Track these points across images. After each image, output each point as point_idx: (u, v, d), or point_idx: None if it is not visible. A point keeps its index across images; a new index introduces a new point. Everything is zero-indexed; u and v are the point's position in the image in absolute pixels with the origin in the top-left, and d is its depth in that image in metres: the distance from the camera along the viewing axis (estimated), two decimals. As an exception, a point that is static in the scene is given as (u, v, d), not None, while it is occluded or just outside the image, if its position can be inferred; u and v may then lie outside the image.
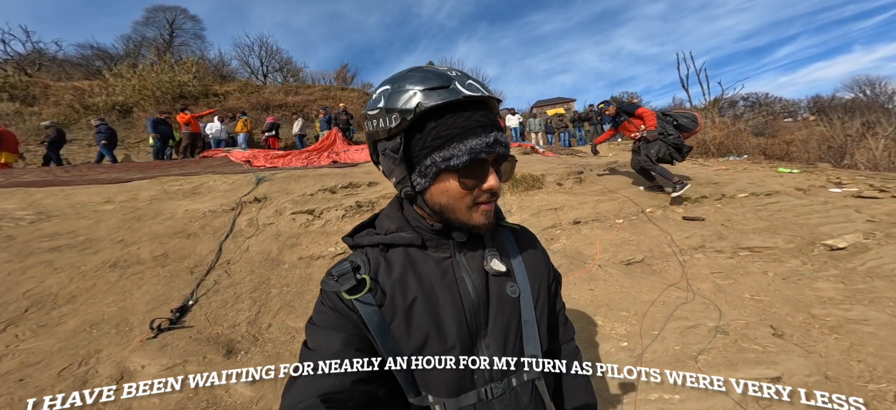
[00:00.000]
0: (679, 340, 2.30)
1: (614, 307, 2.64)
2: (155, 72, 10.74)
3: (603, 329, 2.43)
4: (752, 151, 8.03)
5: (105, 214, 4.15)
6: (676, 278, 2.96)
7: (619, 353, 2.22)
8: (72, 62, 16.56)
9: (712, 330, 2.39)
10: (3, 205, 4.25)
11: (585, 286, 2.95)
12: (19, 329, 2.18)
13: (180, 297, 2.60)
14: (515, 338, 0.62)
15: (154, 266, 3.08)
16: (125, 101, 10.19)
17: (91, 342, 2.07)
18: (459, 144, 0.54)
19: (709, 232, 3.60)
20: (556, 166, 6.30)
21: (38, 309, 2.40)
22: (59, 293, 2.62)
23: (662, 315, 2.51)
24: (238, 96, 11.96)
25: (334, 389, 0.49)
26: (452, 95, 0.54)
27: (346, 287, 0.55)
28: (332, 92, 15.31)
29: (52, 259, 3.12)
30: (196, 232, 3.70)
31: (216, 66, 16.04)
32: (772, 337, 2.28)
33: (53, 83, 11.79)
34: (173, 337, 2.14)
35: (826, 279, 2.72)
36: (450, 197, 0.57)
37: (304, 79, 19.19)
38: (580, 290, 2.89)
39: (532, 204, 4.82)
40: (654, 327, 2.41)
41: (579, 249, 3.60)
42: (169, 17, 19.85)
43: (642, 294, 2.76)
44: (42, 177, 5.95)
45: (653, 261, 3.25)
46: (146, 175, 5.77)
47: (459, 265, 0.62)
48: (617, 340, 2.35)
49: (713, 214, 4.08)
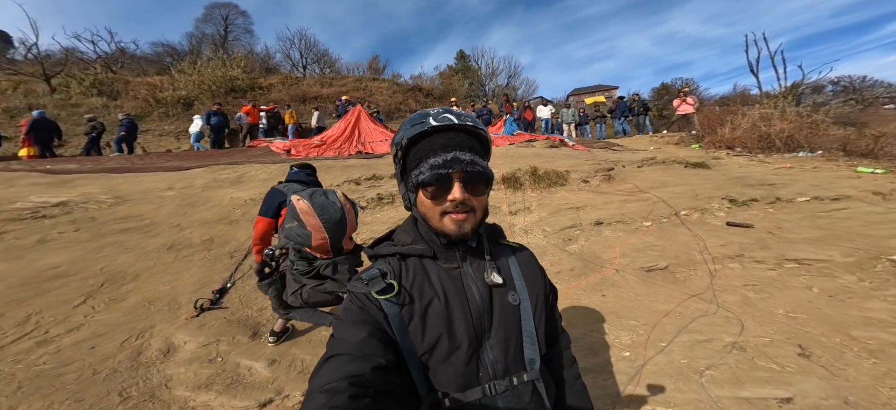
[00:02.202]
0: (687, 354, 2.15)
1: (623, 315, 2.50)
2: (210, 68, 11.50)
3: (607, 337, 2.32)
4: (831, 146, 6.60)
5: (166, 200, 4.59)
6: (701, 288, 2.71)
7: (618, 362, 2.11)
8: (147, 59, 18.12)
9: (728, 345, 2.20)
10: (89, 189, 4.84)
11: (598, 291, 2.80)
12: (95, 301, 2.52)
13: (220, 280, 2.85)
14: (516, 342, 0.67)
15: (201, 249, 3.39)
16: (187, 95, 11.06)
17: (148, 317, 2.34)
18: (423, 163, 0.66)
19: (751, 240, 3.23)
20: (583, 162, 5.91)
21: (110, 285, 2.74)
22: (127, 271, 2.97)
23: (675, 326, 2.34)
24: (280, 88, 12.50)
25: (358, 372, 0.53)
26: (422, 127, 0.66)
27: (377, 288, 0.62)
28: (363, 83, 15.47)
29: (122, 239, 3.53)
30: (237, 218, 4.00)
31: (263, 59, 16.77)
32: (796, 356, 2.06)
33: (133, 79, 13.03)
34: (211, 317, 2.36)
35: (882, 299, 2.36)
36: (425, 208, 0.67)
37: (340, 70, 19.54)
38: (591, 296, 2.74)
39: (552, 201, 4.61)
40: (664, 338, 2.27)
41: (597, 252, 3.41)
42: (223, 13, 20.92)
43: (657, 303, 2.58)
44: (121, 163, 6.68)
45: (677, 269, 2.99)
46: (202, 163, 6.28)
47: (467, 274, 0.69)
48: (619, 350, 2.24)
49: (762, 220, 3.63)
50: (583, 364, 2.11)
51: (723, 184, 4.72)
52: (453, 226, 0.65)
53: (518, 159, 5.99)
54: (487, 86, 23.93)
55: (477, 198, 0.67)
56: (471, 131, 0.70)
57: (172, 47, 18.88)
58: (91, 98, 11.38)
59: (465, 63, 24.35)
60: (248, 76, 12.54)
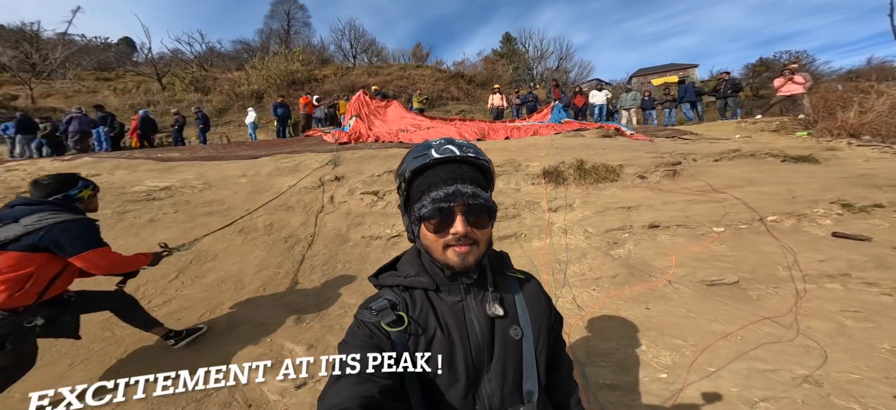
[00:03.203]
0: (740, 382, 1.84)
1: (669, 332, 2.20)
2: (275, 63, 12.47)
3: (643, 354, 2.08)
4: None
5: (240, 186, 5.20)
6: (779, 311, 2.27)
7: (651, 383, 1.89)
8: (229, 56, 20.26)
9: (799, 378, 1.84)
10: (186, 175, 5.68)
11: (641, 303, 2.50)
12: (185, 276, 2.98)
13: (276, 264, 3.17)
14: (514, 375, 0.67)
15: (264, 233, 3.79)
16: (258, 88, 12.21)
17: (219, 294, 2.72)
18: (426, 196, 0.65)
19: (865, 256, 2.59)
20: (642, 154, 5.14)
21: (195, 263, 3.22)
22: (209, 250, 3.45)
23: (733, 351, 2.00)
24: (332, 79, 13.13)
25: (367, 394, 0.55)
26: (424, 159, 0.66)
27: (387, 320, 0.64)
28: (407, 71, 15.44)
29: (207, 221, 4.10)
30: (293, 205, 4.37)
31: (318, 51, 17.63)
32: (891, 398, 1.65)
33: (219, 75, 14.76)
34: (266, 299, 2.65)
35: None
36: (428, 240, 0.67)
37: (387, 59, 19.72)
38: (633, 308, 2.46)
39: (599, 199, 4.15)
40: (714, 363, 1.96)
41: (647, 260, 3.02)
42: (285, 8, 22.26)
43: (715, 323, 2.22)
44: (209, 153, 7.70)
45: (751, 286, 2.53)
46: (270, 152, 6.95)
47: (470, 308, 0.69)
48: (655, 370, 1.99)
49: (886, 232, 2.87)
50: (608, 381, 1.93)
51: (836, 184, 3.78)
52: (456, 259, 0.65)
53: (563, 150, 5.48)
54: (535, 71, 22.19)
55: (480, 230, 0.66)
56: (473, 162, 0.69)
57: (248, 44, 20.84)
58: (190, 94, 13.19)
59: (510, 46, 22.73)
60: (306, 69, 13.38)
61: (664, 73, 24.57)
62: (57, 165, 6.14)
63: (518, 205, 4.18)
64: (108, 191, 4.94)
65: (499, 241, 3.57)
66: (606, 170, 4.61)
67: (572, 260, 3.17)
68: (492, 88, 11.59)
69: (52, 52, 15.07)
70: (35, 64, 14.36)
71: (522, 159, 5.14)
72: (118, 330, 2.23)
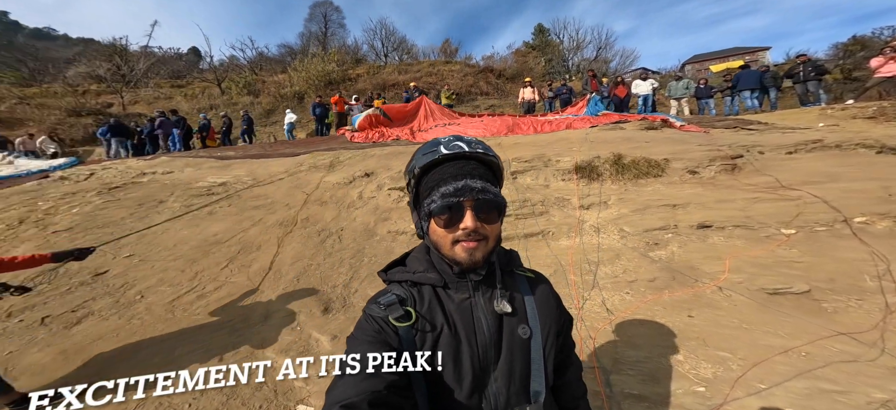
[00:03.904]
0: (798, 402, 1.59)
1: (713, 344, 1.96)
2: (314, 64, 13.05)
3: (679, 365, 1.87)
4: None
5: (282, 182, 5.55)
6: (861, 326, 1.93)
7: (685, 397, 1.69)
8: (275, 59, 21.62)
9: (875, 402, 1.55)
10: (238, 172, 6.19)
11: (683, 310, 2.25)
12: (233, 265, 3.26)
13: (309, 256, 3.34)
14: (521, 374, 0.65)
15: (300, 227, 4.01)
16: (299, 89, 12.90)
17: (261, 283, 2.93)
18: (435, 192, 0.64)
19: None
20: (694, 146, 4.59)
21: (243, 253, 3.51)
22: (254, 241, 3.73)
23: (793, 369, 1.73)
24: (365, 78, 13.44)
25: (375, 389, 0.54)
26: (433, 155, 0.66)
27: (395, 315, 0.63)
28: (436, 67, 15.29)
29: (253, 215, 4.44)
30: (326, 200, 4.56)
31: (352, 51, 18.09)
32: None
33: (267, 79, 15.84)
34: (299, 291, 2.80)
35: None
36: (437, 236, 0.66)
37: (417, 56, 19.68)
38: (673, 314, 2.22)
39: (640, 196, 3.76)
40: (767, 380, 1.71)
41: (694, 263, 2.71)
42: (322, 10, 23.09)
43: (774, 336, 1.94)
44: (258, 151, 8.33)
45: (826, 297, 2.17)
46: (308, 149, 7.33)
47: (477, 306, 0.67)
48: (692, 382, 1.78)
49: None
50: (635, 391, 1.76)
51: (950, 180, 3.09)
52: (465, 255, 0.64)
53: (599, 144, 5.06)
54: (570, 62, 20.72)
55: (489, 226, 0.65)
56: (482, 159, 0.68)
57: (290, 47, 22.04)
58: (243, 97, 14.34)
59: (543, 38, 21.41)
60: (341, 69, 13.85)
61: (726, 58, 21.66)
62: (140, 164, 7.02)
63: (546, 202, 3.96)
64: (178, 186, 5.56)
65: (525, 239, 3.42)
66: (648, 164, 4.18)
67: (604, 260, 2.94)
68: (522, 82, 11.04)
69: (136, 64, 17.20)
70: (124, 74, 16.52)
71: (553, 154, 4.85)
72: (178, 312, 2.50)
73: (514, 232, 3.52)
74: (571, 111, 8.63)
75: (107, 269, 3.16)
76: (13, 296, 1.98)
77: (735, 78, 8.83)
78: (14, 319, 2.28)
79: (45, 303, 2.52)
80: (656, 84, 9.82)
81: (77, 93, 15.18)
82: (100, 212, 4.55)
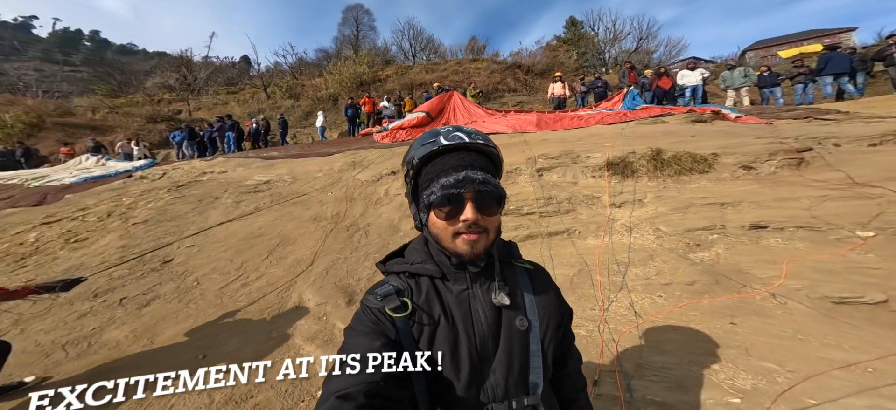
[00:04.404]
0: None
1: (758, 353, 1.77)
2: (346, 67, 13.52)
3: (713, 374, 1.71)
4: None
5: (317, 180, 5.88)
6: None
7: (715, 408, 1.54)
8: (313, 63, 22.73)
9: None
10: (280, 171, 6.66)
11: (725, 317, 2.05)
12: (272, 257, 3.54)
13: (338, 249, 3.51)
14: (520, 367, 0.64)
15: (331, 221, 4.23)
16: (334, 92, 13.48)
17: (293, 275, 3.15)
18: (434, 184, 0.62)
19: None
20: (750, 140, 4.13)
21: (281, 245, 3.79)
22: (290, 235, 4.01)
23: (853, 385, 1.51)
24: (394, 79, 13.65)
25: (372, 380, 0.54)
26: (433, 146, 0.64)
27: (392, 306, 0.62)
28: (462, 65, 15.05)
29: (291, 210, 4.76)
30: (355, 197, 4.76)
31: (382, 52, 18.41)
32: None
33: (306, 82, 16.74)
34: (328, 281, 2.97)
35: None
36: (437, 228, 0.64)
37: (444, 55, 19.51)
38: (713, 321, 2.03)
39: (681, 194, 3.45)
40: (818, 394, 1.51)
41: (743, 267, 2.46)
42: (354, 14, 23.73)
43: (836, 349, 1.72)
44: (297, 151, 8.88)
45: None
46: (340, 149, 7.68)
47: (475, 298, 0.66)
48: (725, 393, 1.62)
49: None
50: (658, 398, 1.65)
51: None
52: (466, 247, 0.62)
53: (635, 139, 4.73)
54: (607, 54, 19.23)
55: (490, 217, 0.63)
56: (482, 150, 0.66)
57: (326, 51, 23.00)
58: (286, 100, 15.32)
59: (576, 31, 19.87)
60: (371, 71, 14.19)
61: (799, 42, 18.79)
62: (202, 164, 7.82)
63: (574, 200, 3.78)
64: (230, 184, 6.13)
65: (548, 237, 3.31)
66: (693, 159, 3.82)
67: (635, 261, 2.76)
68: (552, 77, 10.51)
69: (199, 73, 19.09)
70: (190, 83, 18.44)
71: (582, 150, 4.61)
72: (225, 298, 2.78)
73: (538, 229, 3.42)
74: (606, 105, 8.07)
75: (172, 258, 3.60)
76: (63, 293, 2.06)
77: (821, 60, 7.65)
78: (99, 299, 2.70)
79: (123, 286, 2.94)
80: (707, 73, 8.75)
81: (153, 102, 17.26)
82: (169, 207, 5.16)
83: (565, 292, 2.58)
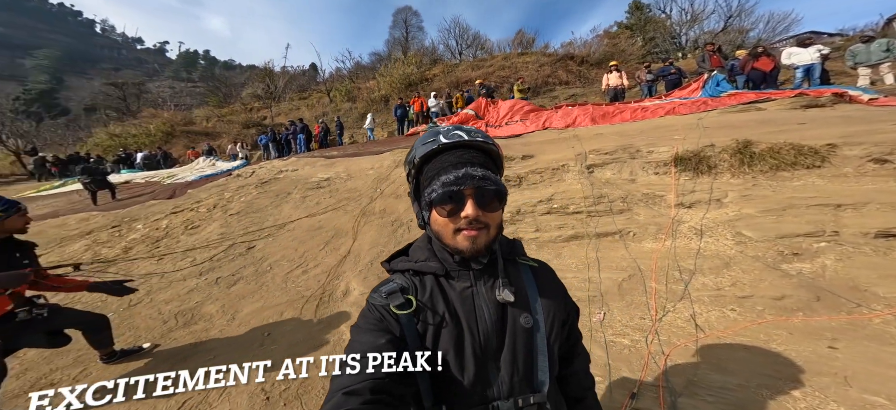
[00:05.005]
0: None
1: (860, 384, 1.43)
2: (396, 68, 14.00)
3: (788, 402, 1.42)
4: None
5: (369, 177, 6.29)
6: None
7: None
8: (368, 67, 24.08)
9: None
10: (338, 169, 7.29)
11: (823, 339, 1.70)
12: (327, 248, 3.92)
13: (383, 243, 3.73)
14: (525, 364, 0.63)
15: (379, 216, 4.49)
16: (385, 93, 14.12)
17: (343, 264, 3.45)
18: (435, 181, 0.62)
19: None
20: (888, 126, 3.21)
21: (335, 238, 4.17)
22: (343, 228, 4.39)
23: None
24: (441, 78, 13.67)
25: (377, 377, 0.54)
26: (433, 145, 0.64)
27: (396, 303, 0.63)
28: (510, 60, 14.30)
29: (346, 205, 5.19)
30: (400, 194, 4.96)
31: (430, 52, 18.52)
32: None
33: (362, 85, 17.88)
34: (372, 270, 3.18)
35: None
36: (438, 225, 0.64)
37: (491, 51, 18.79)
38: (803, 343, 1.70)
39: (778, 193, 2.88)
40: None
41: (859, 282, 2.00)
42: (403, 16, 24.28)
43: None
44: (354, 150, 9.59)
45: None
46: (390, 148, 8.07)
47: (479, 294, 0.66)
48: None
49: None
50: None
51: None
52: (467, 243, 0.62)
53: (717, 130, 4.04)
54: (685, 38, 16.32)
55: (491, 214, 0.63)
56: (481, 147, 0.65)
57: (379, 54, 24.10)
58: (344, 103, 16.60)
59: (641, 15, 17.27)
60: (419, 71, 14.46)
61: None
62: (279, 163, 8.98)
63: (629, 199, 3.40)
64: (299, 181, 6.94)
65: (596, 239, 3.04)
66: (797, 152, 3.13)
67: (705, 269, 2.40)
68: (607, 67, 9.41)
69: (278, 82, 21.80)
70: (272, 92, 21.21)
71: (643, 144, 4.09)
72: (289, 283, 3.18)
73: (585, 230, 3.15)
74: (681, 94, 6.95)
75: (254, 245, 4.24)
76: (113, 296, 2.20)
77: None
78: (202, 277, 3.34)
79: (219, 267, 3.58)
80: (826, 50, 6.83)
81: (247, 110, 20.30)
82: (255, 201, 6.08)
83: (612, 298, 2.35)
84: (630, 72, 9.94)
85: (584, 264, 2.72)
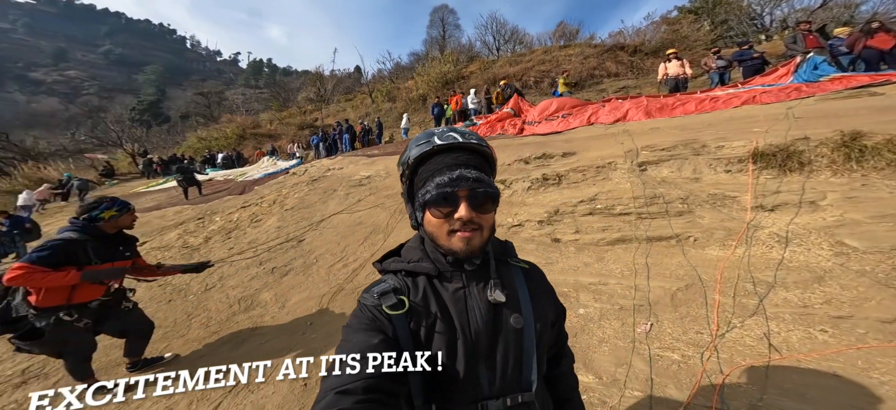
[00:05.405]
0: None
1: None
2: (433, 67, 14.08)
3: None
4: None
5: (404, 176, 6.48)
6: None
7: None
8: (407, 67, 24.60)
9: None
10: (378, 168, 7.61)
11: None
12: (365, 244, 4.15)
13: (414, 242, 3.84)
14: (514, 364, 0.64)
15: (411, 216, 4.63)
16: (423, 93, 14.32)
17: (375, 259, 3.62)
18: (429, 183, 0.62)
19: None
20: None
21: (373, 234, 4.40)
22: (380, 225, 4.60)
23: None
24: (478, 75, 13.38)
25: (370, 375, 0.54)
26: (427, 146, 0.64)
27: (389, 303, 0.62)
28: (550, 53, 13.38)
29: (384, 202, 5.43)
30: (432, 194, 5.04)
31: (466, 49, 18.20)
32: None
33: (401, 85, 18.38)
34: (403, 271, 3.30)
35: None
36: (432, 226, 0.64)
37: (531, 45, 17.79)
38: None
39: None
40: None
41: None
42: (440, 15, 24.16)
43: None
44: (393, 149, 9.94)
45: None
46: (425, 145, 8.20)
47: (471, 295, 0.66)
48: None
49: None
50: None
51: None
52: (461, 244, 0.62)
53: (813, 121, 3.42)
54: (769, 18, 13.65)
55: (484, 216, 0.63)
56: (476, 149, 0.65)
57: (418, 54, 24.42)
58: (385, 103, 17.24)
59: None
60: (456, 69, 14.35)
61: None
62: (327, 162, 9.71)
63: (691, 200, 3.02)
64: (344, 179, 7.44)
65: (647, 243, 2.76)
66: None
67: (789, 283, 2.07)
68: (664, 55, 8.33)
69: (328, 86, 23.44)
70: (322, 95, 22.90)
71: (712, 138, 3.59)
72: (331, 275, 3.45)
73: (633, 233, 2.88)
74: (764, 80, 5.93)
75: (304, 238, 4.68)
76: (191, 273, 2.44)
77: None
78: (262, 267, 3.79)
79: (274, 258, 4.03)
80: None
81: (301, 113, 22.23)
82: (306, 197, 6.67)
83: (664, 309, 2.15)
84: (694, 60, 8.67)
85: (630, 270, 2.49)
